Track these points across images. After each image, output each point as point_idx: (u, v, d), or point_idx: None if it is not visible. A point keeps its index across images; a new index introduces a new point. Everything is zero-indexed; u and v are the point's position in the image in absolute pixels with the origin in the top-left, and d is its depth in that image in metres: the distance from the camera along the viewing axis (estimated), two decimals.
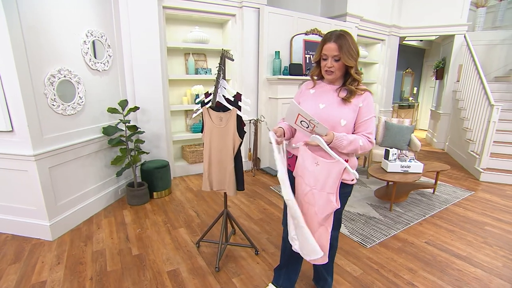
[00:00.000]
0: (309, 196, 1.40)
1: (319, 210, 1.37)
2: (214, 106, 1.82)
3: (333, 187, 1.32)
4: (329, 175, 1.31)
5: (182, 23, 3.69)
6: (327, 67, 1.38)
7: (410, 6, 5.24)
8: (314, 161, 1.35)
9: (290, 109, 1.32)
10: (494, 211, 3.00)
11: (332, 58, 1.36)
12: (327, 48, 1.36)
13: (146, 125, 3.23)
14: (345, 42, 1.33)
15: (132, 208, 2.90)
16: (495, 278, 2.00)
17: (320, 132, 1.30)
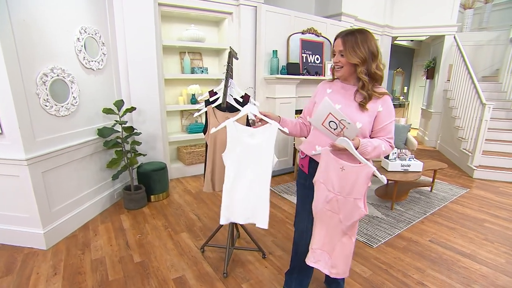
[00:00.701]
0: (332, 203, 1.35)
1: (344, 218, 1.33)
2: (223, 106, 1.75)
3: (361, 192, 1.27)
4: (357, 180, 1.26)
5: (177, 21, 3.59)
6: (334, 62, 1.38)
7: (402, 7, 5.32)
8: (339, 166, 1.29)
9: (321, 107, 1.25)
10: (491, 208, 3.07)
11: (338, 53, 1.34)
12: (335, 44, 1.37)
13: (142, 126, 3.12)
14: (351, 38, 1.30)
15: (130, 213, 2.79)
16: (501, 274, 2.03)
17: (349, 135, 1.26)
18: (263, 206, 1.61)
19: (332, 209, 1.36)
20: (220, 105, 1.77)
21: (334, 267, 1.40)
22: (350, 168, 1.27)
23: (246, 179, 1.64)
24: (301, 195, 1.61)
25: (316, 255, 1.45)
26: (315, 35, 4.27)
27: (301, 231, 1.62)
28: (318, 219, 1.44)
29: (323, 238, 1.42)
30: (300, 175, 1.62)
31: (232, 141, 1.58)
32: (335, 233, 1.36)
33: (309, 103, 1.60)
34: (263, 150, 1.54)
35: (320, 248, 1.43)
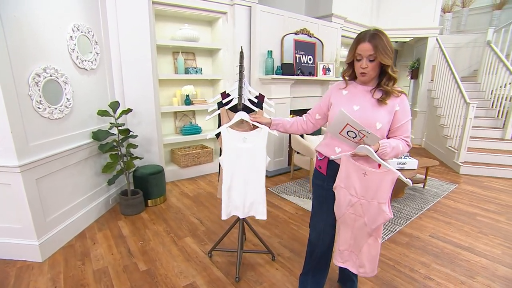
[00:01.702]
0: (356, 207, 1.36)
1: (369, 221, 1.34)
2: (240, 108, 1.71)
3: (386, 196, 1.28)
4: (381, 185, 1.27)
5: (170, 20, 3.49)
6: (362, 68, 1.34)
7: (388, 9, 5.47)
8: (361, 171, 1.31)
9: (338, 118, 1.25)
10: (480, 202, 3.22)
11: (366, 59, 1.31)
12: (361, 48, 1.31)
13: (137, 128, 3.00)
14: (380, 41, 1.29)
15: (128, 219, 2.68)
16: (499, 265, 2.13)
17: (370, 142, 1.26)
18: (260, 200, 1.81)
19: (356, 213, 1.37)
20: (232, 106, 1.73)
21: (362, 267, 1.42)
22: (373, 173, 1.28)
23: (242, 179, 1.80)
24: (318, 196, 1.60)
25: (344, 256, 1.46)
26: (308, 36, 4.30)
27: (318, 232, 1.61)
28: (342, 222, 1.44)
29: (349, 240, 1.43)
30: (317, 176, 1.61)
31: (226, 146, 1.73)
32: (361, 235, 1.38)
33: (320, 103, 1.58)
34: (256, 152, 1.73)
35: (347, 249, 1.44)
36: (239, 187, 1.81)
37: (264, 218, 1.83)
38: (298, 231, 2.56)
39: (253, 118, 1.63)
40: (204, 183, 3.66)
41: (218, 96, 1.82)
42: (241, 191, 1.81)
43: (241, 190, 1.81)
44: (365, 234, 1.37)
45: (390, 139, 1.39)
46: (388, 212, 1.28)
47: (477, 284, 1.92)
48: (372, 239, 1.36)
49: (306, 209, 2.96)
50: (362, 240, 1.38)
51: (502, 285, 1.92)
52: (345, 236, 1.44)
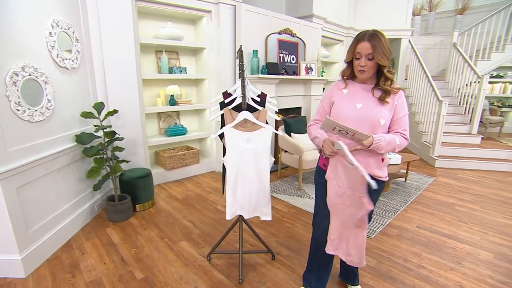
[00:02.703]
0: (343, 198, 1.42)
1: (355, 211, 1.40)
2: (244, 107, 1.68)
3: (361, 190, 1.34)
4: (357, 179, 1.34)
5: (153, 17, 3.37)
6: (360, 66, 1.37)
7: (364, 11, 5.68)
8: (345, 164, 1.37)
9: (325, 124, 1.32)
10: (456, 193, 3.45)
11: (365, 57, 1.35)
12: (360, 47, 1.36)
13: (121, 130, 2.86)
14: (378, 41, 1.33)
15: (116, 225, 2.55)
16: (481, 250, 2.29)
17: (361, 138, 1.32)
18: (265, 201, 1.84)
19: (344, 203, 1.43)
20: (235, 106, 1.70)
21: (349, 255, 1.50)
22: (351, 168, 1.33)
23: (247, 179, 1.79)
24: (322, 193, 1.61)
25: (335, 244, 1.53)
26: (291, 36, 4.35)
27: (323, 229, 1.62)
28: (333, 212, 1.51)
29: (339, 229, 1.50)
30: (320, 174, 1.61)
31: (230, 146, 1.72)
32: (349, 224, 1.44)
33: (322, 107, 1.59)
34: (260, 152, 1.73)
35: (337, 238, 1.50)
36: (243, 187, 1.80)
37: (269, 219, 1.84)
38: (293, 229, 2.58)
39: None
40: (192, 185, 3.57)
41: (220, 96, 1.77)
42: (245, 191, 1.81)
43: (245, 190, 1.81)
44: (352, 223, 1.43)
45: (386, 134, 1.44)
46: (367, 205, 1.35)
47: (464, 269, 2.05)
48: (359, 230, 1.43)
49: (297, 207, 3.00)
50: (350, 229, 1.44)
51: (485, 268, 2.07)
52: (335, 225, 1.50)
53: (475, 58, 5.81)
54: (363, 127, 1.40)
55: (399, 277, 1.94)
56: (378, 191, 1.56)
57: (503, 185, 3.75)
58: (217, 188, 3.48)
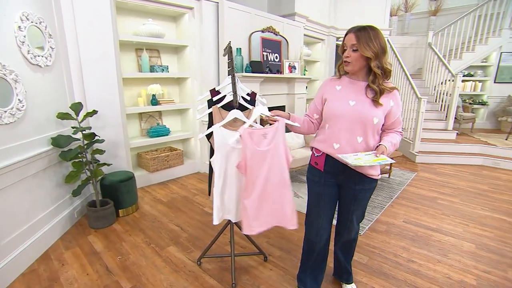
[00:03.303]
0: (259, 156, 1.57)
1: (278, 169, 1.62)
2: (236, 106, 1.62)
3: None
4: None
5: (132, 14, 3.22)
6: (345, 56, 1.38)
7: (344, 10, 5.76)
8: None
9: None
10: (437, 187, 3.57)
11: (350, 48, 1.35)
12: (346, 39, 1.37)
13: (101, 132, 2.70)
14: (364, 33, 1.32)
15: (98, 232, 2.41)
16: (464, 242, 2.37)
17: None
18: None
19: (261, 163, 1.62)
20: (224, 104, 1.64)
21: (284, 218, 1.70)
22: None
23: (235, 181, 1.71)
24: (315, 193, 1.60)
25: (260, 220, 1.68)
26: (274, 34, 4.33)
27: (317, 229, 1.61)
28: (249, 179, 1.62)
29: (259, 199, 1.67)
30: (313, 172, 1.59)
31: (218, 147, 1.63)
32: (272, 187, 1.67)
33: (314, 102, 1.57)
34: None
35: (257, 210, 1.65)
36: (231, 190, 1.72)
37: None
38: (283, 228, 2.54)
39: (273, 113, 1.55)
40: (177, 187, 3.46)
41: (207, 93, 1.70)
42: (233, 194, 1.73)
43: (233, 193, 1.73)
44: (276, 184, 1.65)
45: (389, 136, 1.44)
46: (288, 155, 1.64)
47: (450, 261, 2.11)
48: (285, 190, 1.69)
49: None
50: (275, 191, 1.66)
51: (469, 258, 2.14)
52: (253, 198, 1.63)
53: (448, 58, 6.06)
54: (354, 125, 1.39)
55: (391, 273, 1.96)
56: (371, 189, 1.57)
57: (478, 178, 3.93)
58: (203, 189, 3.39)
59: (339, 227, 1.70)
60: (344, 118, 1.40)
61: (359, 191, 1.53)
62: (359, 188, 1.52)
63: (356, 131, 1.40)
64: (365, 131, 1.40)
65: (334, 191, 1.55)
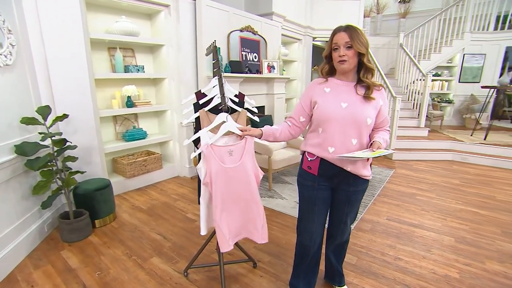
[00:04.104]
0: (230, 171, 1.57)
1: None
2: (225, 108, 1.53)
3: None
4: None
5: (103, 10, 3.02)
6: (340, 56, 1.34)
7: (320, 10, 5.82)
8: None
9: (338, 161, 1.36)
10: (415, 183, 3.70)
11: (343, 46, 1.32)
12: (337, 38, 1.34)
13: (73, 138, 2.49)
14: (354, 31, 1.32)
15: (73, 246, 2.22)
16: (444, 236, 2.46)
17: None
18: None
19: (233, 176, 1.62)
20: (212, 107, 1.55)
21: (256, 230, 1.69)
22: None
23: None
24: (308, 197, 1.55)
25: (233, 232, 1.66)
26: (252, 33, 4.27)
27: (311, 233, 1.57)
28: (218, 194, 1.59)
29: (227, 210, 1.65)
30: (305, 177, 1.54)
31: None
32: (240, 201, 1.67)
33: (300, 105, 1.53)
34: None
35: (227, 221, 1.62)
36: None
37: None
38: (271, 232, 2.50)
39: (244, 131, 1.52)
40: (156, 192, 3.30)
41: (192, 96, 1.60)
42: None
43: None
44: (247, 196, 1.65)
45: (379, 134, 1.43)
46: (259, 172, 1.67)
47: (434, 256, 2.17)
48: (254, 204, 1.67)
49: (271, 209, 2.93)
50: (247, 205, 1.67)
51: (450, 252, 2.22)
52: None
53: (418, 58, 6.35)
54: (348, 128, 1.37)
55: (380, 272, 1.98)
56: (364, 190, 1.56)
57: (450, 173, 4.13)
58: (184, 194, 3.27)
59: (332, 230, 1.68)
60: (337, 121, 1.37)
61: (353, 193, 1.51)
62: (353, 190, 1.50)
63: (350, 133, 1.38)
64: (359, 133, 1.38)
65: (327, 194, 1.53)
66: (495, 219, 2.77)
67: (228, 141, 1.53)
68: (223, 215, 1.55)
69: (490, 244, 2.35)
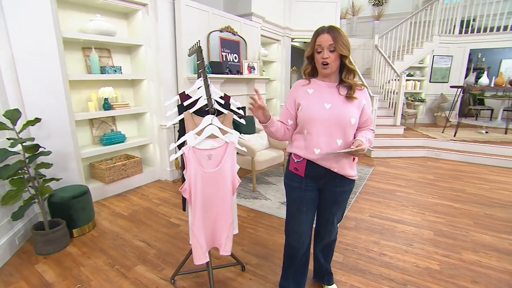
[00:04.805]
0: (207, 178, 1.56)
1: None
2: (211, 110, 1.49)
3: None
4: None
5: (76, 8, 2.87)
6: (323, 58, 1.34)
7: (298, 11, 5.89)
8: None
9: (326, 157, 1.36)
10: (393, 180, 3.83)
11: (327, 49, 1.32)
12: (321, 40, 1.33)
13: (46, 143, 2.33)
14: (338, 33, 1.33)
15: (49, 259, 2.08)
16: (424, 230, 2.56)
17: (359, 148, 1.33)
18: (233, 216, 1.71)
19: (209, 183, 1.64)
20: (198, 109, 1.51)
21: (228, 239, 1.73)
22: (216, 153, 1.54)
23: None
24: (296, 198, 1.55)
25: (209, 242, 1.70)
26: (232, 34, 4.25)
27: (299, 235, 1.56)
28: (198, 200, 1.61)
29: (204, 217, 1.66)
30: (292, 178, 1.53)
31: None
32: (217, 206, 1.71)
33: (286, 108, 1.52)
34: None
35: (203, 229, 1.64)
36: None
37: (235, 232, 1.75)
38: (257, 234, 2.50)
39: (257, 101, 1.35)
40: (137, 197, 3.19)
41: (176, 98, 1.56)
42: None
43: None
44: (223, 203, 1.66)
45: (363, 133, 1.46)
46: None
47: (415, 249, 2.26)
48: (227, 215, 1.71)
49: (256, 210, 2.92)
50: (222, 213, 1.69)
51: (430, 245, 2.32)
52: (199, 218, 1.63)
53: (392, 59, 6.60)
54: (333, 129, 1.38)
55: (366, 268, 2.02)
56: (350, 190, 1.59)
57: (425, 169, 4.32)
58: (167, 198, 3.18)
59: (320, 230, 1.69)
60: (322, 122, 1.38)
61: (340, 193, 1.53)
62: (340, 190, 1.52)
63: (335, 134, 1.39)
64: (344, 133, 1.40)
65: (315, 195, 1.53)
66: (467, 211, 2.92)
67: (214, 144, 1.50)
68: (201, 223, 1.52)
69: (465, 235, 2.48)
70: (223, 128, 1.49)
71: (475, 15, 6.50)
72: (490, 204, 3.09)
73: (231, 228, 1.65)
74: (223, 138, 1.48)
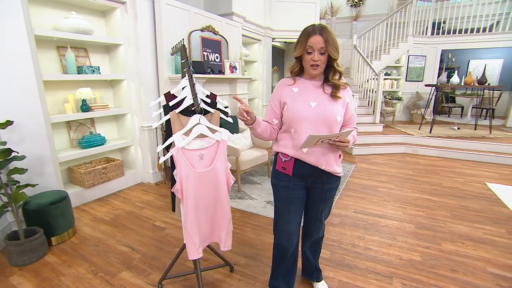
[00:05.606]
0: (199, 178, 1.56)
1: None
2: (198, 109, 1.46)
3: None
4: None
5: (50, 4, 2.73)
6: (314, 60, 1.34)
7: (278, 12, 5.91)
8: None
9: (309, 140, 1.26)
10: (374, 176, 3.94)
11: (318, 51, 1.32)
12: (313, 41, 1.31)
13: (19, 147, 2.21)
14: (329, 34, 1.33)
15: (25, 270, 1.97)
16: (406, 224, 2.65)
17: (344, 136, 1.33)
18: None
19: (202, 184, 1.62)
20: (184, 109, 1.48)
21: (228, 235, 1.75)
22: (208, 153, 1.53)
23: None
24: (284, 197, 1.55)
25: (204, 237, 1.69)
26: (213, 33, 4.20)
27: (288, 234, 1.57)
28: (189, 202, 1.61)
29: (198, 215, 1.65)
30: (280, 177, 1.53)
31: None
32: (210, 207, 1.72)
33: (271, 107, 1.52)
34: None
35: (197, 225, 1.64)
36: None
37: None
38: (243, 234, 2.49)
39: (244, 112, 1.33)
40: (119, 201, 3.09)
41: (161, 98, 1.52)
42: None
43: None
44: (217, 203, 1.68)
45: (349, 130, 1.48)
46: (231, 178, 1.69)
47: (399, 243, 2.33)
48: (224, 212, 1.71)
49: (241, 210, 2.91)
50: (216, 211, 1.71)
51: (412, 238, 2.40)
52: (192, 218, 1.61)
53: (370, 58, 6.79)
54: (320, 127, 1.40)
55: (353, 263, 2.07)
56: (336, 187, 1.61)
57: (404, 165, 4.48)
58: (150, 201, 3.10)
59: (308, 228, 1.70)
60: (308, 121, 1.39)
61: (327, 190, 1.55)
62: (327, 187, 1.54)
63: (321, 132, 1.40)
64: (331, 131, 1.41)
65: (302, 193, 1.54)
66: (444, 204, 3.06)
67: (203, 144, 1.47)
68: (194, 222, 1.50)
69: (443, 227, 2.59)
70: (211, 127, 1.47)
71: (445, 18, 6.82)
72: (464, 196, 3.26)
73: (229, 225, 1.65)
74: (213, 137, 1.46)
